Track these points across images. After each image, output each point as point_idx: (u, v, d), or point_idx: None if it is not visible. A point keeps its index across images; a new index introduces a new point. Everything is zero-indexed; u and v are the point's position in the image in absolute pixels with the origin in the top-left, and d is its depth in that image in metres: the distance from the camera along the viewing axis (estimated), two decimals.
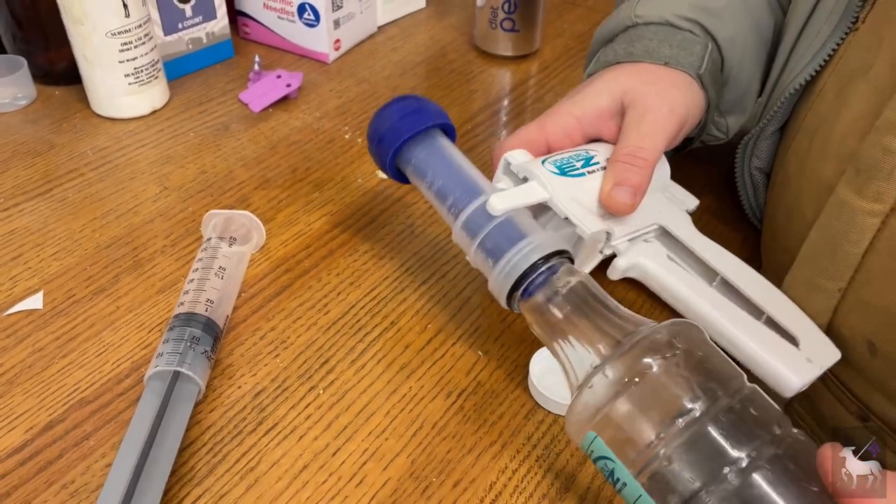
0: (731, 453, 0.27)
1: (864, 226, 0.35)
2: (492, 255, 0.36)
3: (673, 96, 0.42)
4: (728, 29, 0.46)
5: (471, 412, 0.39)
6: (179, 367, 0.37)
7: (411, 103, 0.43)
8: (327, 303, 0.45)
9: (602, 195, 0.40)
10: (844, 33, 0.41)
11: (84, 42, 0.56)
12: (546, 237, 0.36)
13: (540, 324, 0.35)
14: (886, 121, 0.34)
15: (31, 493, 0.35)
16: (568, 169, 0.40)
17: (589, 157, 0.41)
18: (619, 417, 0.29)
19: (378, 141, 0.42)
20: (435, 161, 0.41)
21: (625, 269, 0.40)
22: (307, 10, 0.68)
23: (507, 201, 0.37)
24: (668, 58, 0.44)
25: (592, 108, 0.42)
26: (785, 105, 0.45)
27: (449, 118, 0.43)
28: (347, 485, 0.36)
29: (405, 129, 0.41)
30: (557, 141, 0.43)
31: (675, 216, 0.42)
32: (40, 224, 0.50)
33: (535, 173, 0.39)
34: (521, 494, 0.36)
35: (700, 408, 0.28)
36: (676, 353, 0.30)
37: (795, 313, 0.38)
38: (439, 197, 0.40)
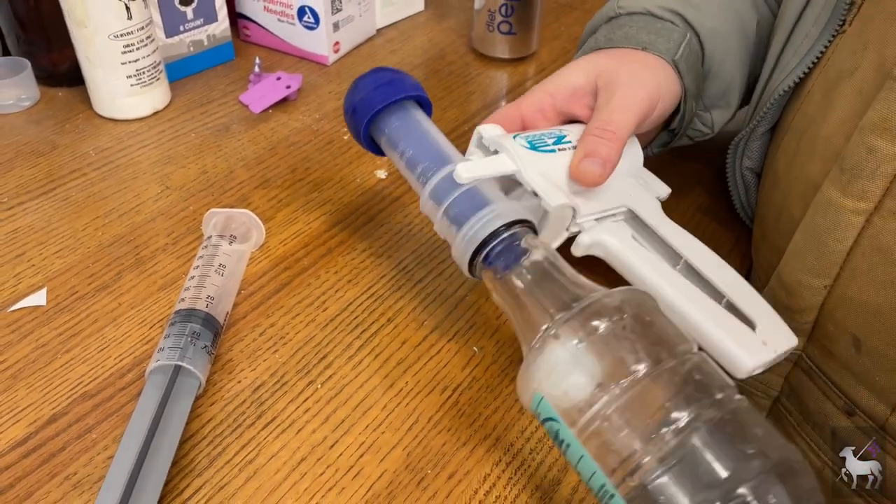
0: (670, 414, 0.27)
1: (849, 224, 0.36)
2: (455, 222, 0.37)
3: (644, 76, 0.43)
4: (709, 21, 0.47)
5: (466, 406, 0.40)
6: (180, 362, 0.38)
7: (386, 75, 0.43)
8: (325, 300, 0.46)
9: (572, 166, 0.40)
10: (832, 36, 0.42)
11: (87, 44, 0.57)
12: (510, 206, 0.36)
13: (499, 291, 0.35)
14: (870, 121, 0.35)
15: (35, 485, 0.35)
16: (539, 145, 0.41)
17: (561, 135, 0.42)
18: (562, 378, 0.30)
19: (353, 111, 0.43)
20: (407, 131, 0.41)
21: (588, 245, 0.41)
22: (307, 13, 0.69)
23: (473, 171, 0.38)
24: (645, 43, 0.45)
25: (566, 85, 0.43)
26: (775, 106, 0.46)
27: (424, 91, 0.43)
28: (344, 476, 0.36)
29: (378, 100, 0.41)
30: (532, 118, 0.44)
31: (644, 200, 0.43)
32: (44, 223, 0.50)
33: (506, 146, 0.40)
34: (515, 486, 0.36)
35: (642, 369, 0.29)
36: (624, 316, 0.30)
37: (755, 299, 0.38)
38: (409, 166, 0.40)
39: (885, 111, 0.34)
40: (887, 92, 0.34)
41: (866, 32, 0.39)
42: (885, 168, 0.34)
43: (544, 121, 0.44)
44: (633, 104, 0.41)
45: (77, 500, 0.35)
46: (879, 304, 0.36)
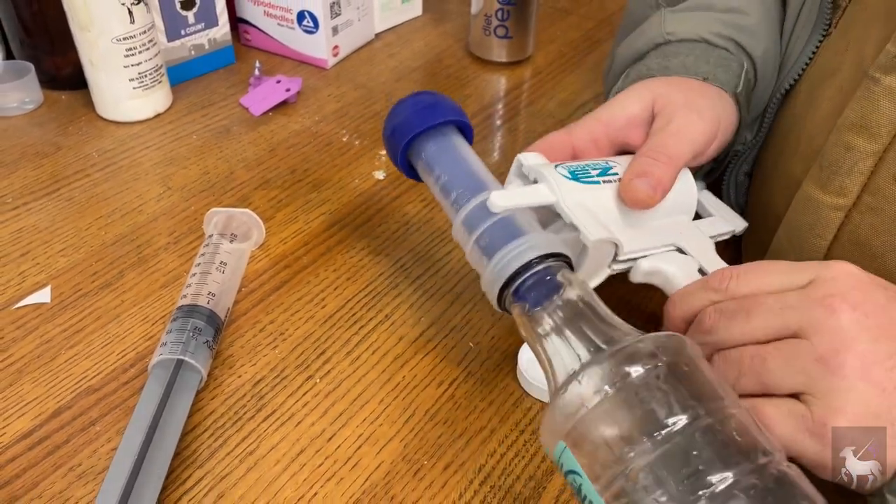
0: (705, 477, 0.25)
1: (829, 219, 0.37)
2: (487, 253, 0.35)
3: (703, 106, 0.41)
4: (761, 45, 0.45)
5: (462, 400, 0.41)
6: (182, 356, 0.39)
7: (427, 98, 0.42)
8: (324, 297, 0.47)
9: (621, 185, 0.38)
10: (820, 39, 0.43)
11: (90, 48, 0.58)
12: (545, 238, 0.35)
13: (527, 327, 0.33)
14: (847, 120, 0.36)
15: (40, 476, 0.36)
16: (581, 175, 0.39)
17: (608, 167, 0.40)
18: (589, 428, 0.27)
19: (391, 134, 0.42)
20: (444, 156, 0.40)
21: (647, 271, 0.38)
22: (306, 18, 0.70)
23: (508, 200, 0.36)
24: (706, 74, 0.43)
25: (621, 113, 0.41)
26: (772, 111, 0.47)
27: (465, 115, 0.42)
28: (343, 467, 0.37)
29: (418, 123, 0.40)
30: (583, 147, 0.41)
31: (695, 240, 0.40)
32: (48, 222, 0.51)
33: (545, 175, 0.38)
34: (509, 476, 0.37)
35: (677, 424, 0.26)
36: (658, 364, 0.28)
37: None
38: (444, 192, 0.39)
39: (862, 110, 0.35)
40: (864, 91, 0.35)
41: (849, 34, 0.40)
42: (862, 165, 0.35)
43: (596, 150, 0.42)
44: (691, 133, 0.39)
45: (81, 490, 0.36)
46: None
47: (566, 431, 0.28)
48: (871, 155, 0.35)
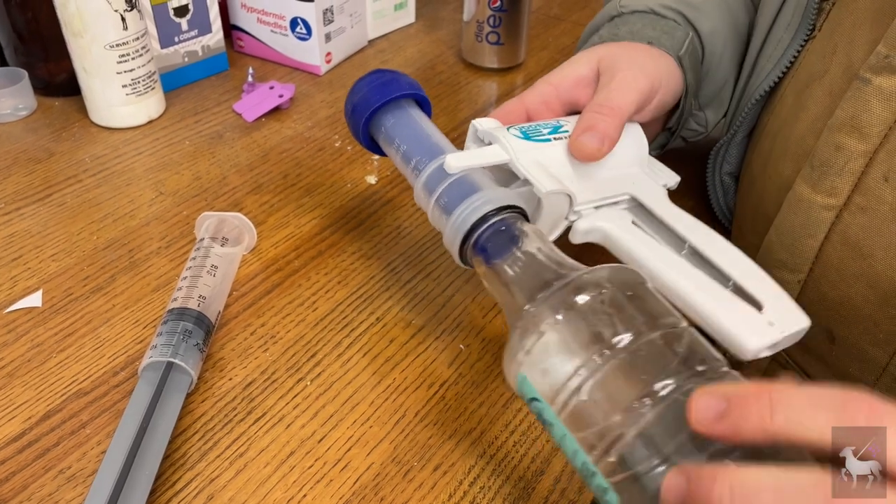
0: (649, 386, 0.27)
1: (820, 219, 0.37)
2: (446, 210, 0.37)
3: (645, 62, 0.43)
4: (709, 21, 0.48)
5: (452, 402, 0.41)
6: (172, 358, 0.39)
7: (385, 75, 0.44)
8: (315, 300, 0.47)
9: (570, 141, 0.40)
10: (803, 41, 0.44)
11: (83, 54, 0.58)
12: (499, 192, 0.36)
13: (489, 279, 0.35)
14: (838, 120, 0.36)
15: (30, 478, 0.36)
16: (533, 134, 0.41)
17: (558, 125, 0.42)
18: (541, 354, 0.29)
19: (352, 110, 0.44)
20: (403, 128, 0.42)
21: (585, 231, 0.40)
22: (299, 25, 0.70)
23: (463, 160, 0.38)
24: (650, 38, 0.46)
25: (570, 75, 0.43)
26: (751, 112, 0.47)
27: (422, 89, 0.44)
28: (332, 469, 0.37)
29: (376, 99, 0.42)
30: (536, 110, 0.43)
31: (648, 188, 0.41)
32: (40, 227, 0.51)
33: (498, 136, 0.40)
34: (499, 477, 0.37)
35: (622, 342, 0.28)
36: (603, 291, 0.30)
37: (764, 280, 0.37)
38: (405, 160, 0.41)
39: (852, 110, 0.36)
40: (854, 91, 0.36)
41: (835, 36, 0.40)
42: (853, 165, 0.36)
43: (549, 112, 0.44)
44: (634, 84, 0.41)
45: (71, 492, 0.36)
46: (850, 297, 0.37)
47: (522, 361, 0.30)
48: (862, 155, 0.36)
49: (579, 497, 0.37)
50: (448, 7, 0.89)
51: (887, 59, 0.34)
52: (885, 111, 0.35)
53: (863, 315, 0.37)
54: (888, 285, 0.35)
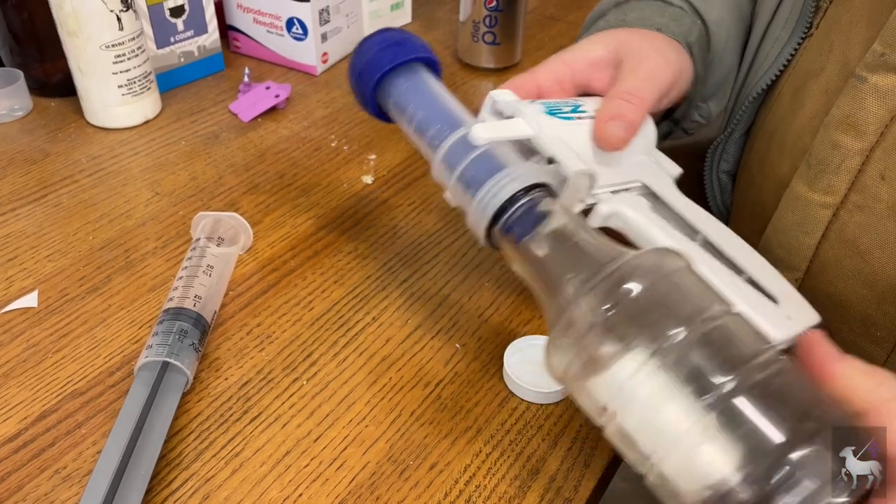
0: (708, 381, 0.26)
1: (817, 217, 0.37)
2: (471, 187, 0.34)
3: (668, 53, 0.43)
4: (715, 10, 0.47)
5: (448, 401, 0.41)
6: (168, 358, 0.39)
7: (393, 35, 0.40)
8: (312, 300, 0.47)
9: (596, 127, 0.39)
10: (800, 39, 0.44)
11: (79, 54, 0.58)
12: (529, 168, 0.34)
13: (519, 260, 0.33)
14: (834, 118, 0.36)
15: (26, 478, 0.36)
16: (556, 112, 0.39)
17: (577, 105, 0.40)
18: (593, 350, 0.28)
19: (359, 74, 0.40)
20: (417, 94, 0.38)
21: (606, 215, 0.38)
22: (295, 25, 0.70)
23: (491, 131, 0.35)
24: (660, 25, 0.45)
25: (586, 56, 0.42)
26: (749, 110, 0.47)
27: (433, 53, 0.41)
28: (328, 468, 0.37)
29: (387, 61, 0.39)
30: (548, 88, 0.42)
31: (659, 178, 0.41)
32: (35, 227, 0.51)
33: (522, 110, 0.38)
34: (494, 476, 0.37)
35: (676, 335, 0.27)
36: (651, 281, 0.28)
37: (776, 276, 0.36)
38: (419, 130, 0.38)
39: (849, 108, 0.36)
40: (850, 89, 0.36)
41: (832, 35, 0.40)
42: (849, 163, 0.36)
43: (561, 92, 0.42)
44: (660, 75, 0.41)
45: (66, 492, 0.36)
46: (847, 295, 0.37)
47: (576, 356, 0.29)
48: (859, 153, 0.36)
49: (574, 495, 0.37)
50: (444, 7, 0.89)
51: (883, 56, 0.34)
52: (881, 109, 0.35)
53: (860, 313, 0.37)
54: (885, 283, 0.35)
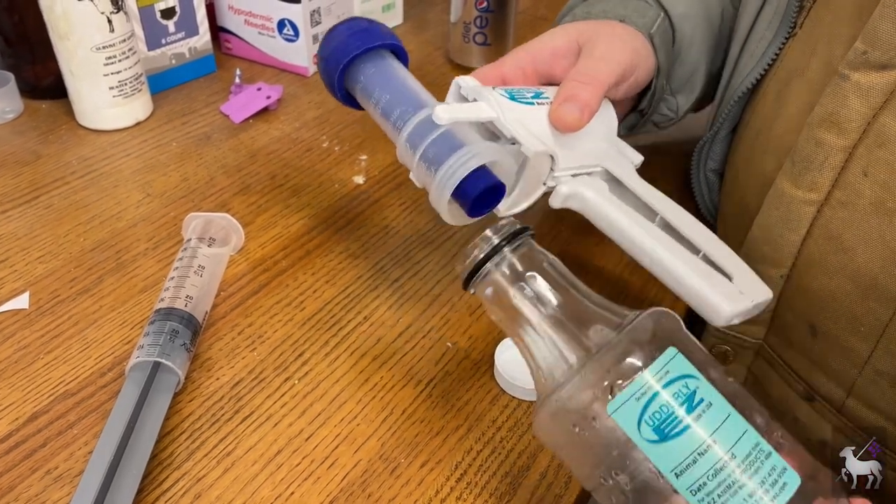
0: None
1: (801, 214, 0.38)
2: (433, 164, 0.36)
3: (624, 37, 0.44)
4: (681, 6, 0.48)
5: (439, 399, 0.41)
6: (159, 358, 0.39)
7: (360, 23, 0.42)
8: (303, 300, 0.47)
9: (551, 109, 0.40)
10: (784, 39, 0.44)
11: (70, 56, 0.58)
12: (489, 146, 0.36)
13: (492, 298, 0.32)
14: (817, 116, 0.37)
15: (17, 479, 0.36)
16: (517, 97, 0.40)
17: (539, 92, 0.42)
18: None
19: (326, 60, 0.41)
20: (383, 79, 0.40)
21: (566, 196, 0.40)
22: (287, 26, 0.70)
23: (453, 112, 0.37)
24: (622, 16, 0.46)
25: (548, 45, 0.44)
26: (734, 109, 0.48)
27: (399, 40, 0.42)
28: (320, 466, 0.37)
29: (353, 47, 0.40)
30: (512, 77, 0.44)
31: (620, 162, 0.42)
32: (26, 229, 0.51)
33: (485, 94, 0.39)
34: (485, 473, 0.37)
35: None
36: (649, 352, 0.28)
37: (730, 254, 0.39)
38: (385, 113, 0.39)
39: (832, 106, 0.36)
40: (833, 87, 0.36)
41: (815, 34, 0.41)
42: (833, 160, 0.36)
43: (524, 80, 0.44)
44: (616, 56, 0.42)
45: (58, 493, 0.36)
46: (832, 291, 0.37)
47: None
48: (841, 150, 0.36)
49: (565, 491, 0.37)
50: (435, 8, 0.89)
51: (865, 55, 0.35)
52: (864, 107, 0.35)
53: (845, 309, 0.37)
54: (868, 279, 0.36)
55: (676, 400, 0.27)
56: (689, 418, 0.26)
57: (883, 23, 0.34)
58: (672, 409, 0.27)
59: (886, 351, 0.36)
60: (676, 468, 0.26)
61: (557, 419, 0.29)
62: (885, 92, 0.34)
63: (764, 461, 0.26)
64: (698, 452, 0.26)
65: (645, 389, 0.27)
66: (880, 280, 0.35)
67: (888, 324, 0.36)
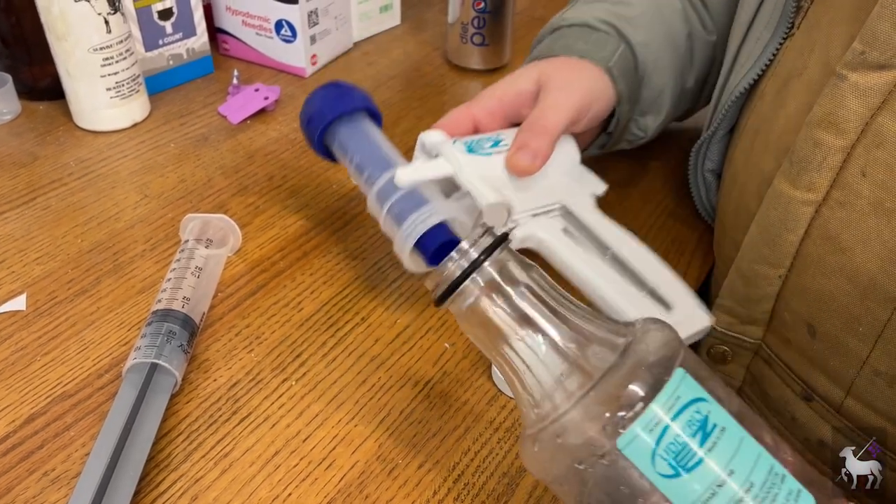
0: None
1: (799, 214, 0.38)
2: (397, 221, 0.40)
3: (577, 80, 0.47)
4: (641, 34, 0.50)
5: (436, 399, 0.41)
6: (156, 360, 0.39)
7: (338, 88, 0.47)
8: (301, 301, 0.47)
9: (507, 158, 0.43)
10: (782, 39, 0.44)
11: (67, 57, 0.58)
12: (445, 205, 0.40)
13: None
14: (815, 116, 0.37)
15: (14, 481, 0.36)
16: (477, 148, 0.44)
17: (498, 139, 0.45)
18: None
19: (307, 122, 0.46)
20: (356, 140, 0.45)
21: (522, 238, 0.42)
22: (284, 27, 0.70)
23: (412, 174, 0.41)
24: (582, 52, 0.49)
25: (513, 90, 0.47)
26: (732, 109, 0.48)
27: (373, 103, 0.47)
28: (317, 468, 0.37)
29: (330, 111, 0.45)
30: (482, 120, 0.46)
31: (578, 197, 0.45)
32: (24, 231, 0.51)
33: (444, 151, 0.43)
34: (483, 474, 0.37)
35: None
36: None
37: (675, 284, 0.41)
38: (358, 171, 0.44)
39: (830, 106, 0.36)
40: (831, 88, 0.36)
41: (813, 34, 0.41)
42: (831, 160, 0.36)
43: (493, 122, 0.46)
44: (565, 104, 0.44)
45: (55, 494, 0.36)
46: (830, 291, 0.37)
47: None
48: (839, 150, 0.36)
49: None
50: (433, 9, 0.89)
51: (863, 55, 0.35)
52: (862, 107, 0.35)
53: (843, 309, 0.37)
54: (867, 279, 0.36)
55: (690, 429, 0.25)
56: (705, 448, 0.25)
57: (881, 23, 0.34)
58: (686, 440, 0.25)
59: (885, 351, 0.36)
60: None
61: (556, 454, 0.27)
62: (883, 92, 0.34)
63: (781, 486, 0.25)
64: (717, 484, 0.25)
65: (657, 421, 0.25)
66: (878, 280, 0.35)
67: (886, 324, 0.35)
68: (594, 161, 0.52)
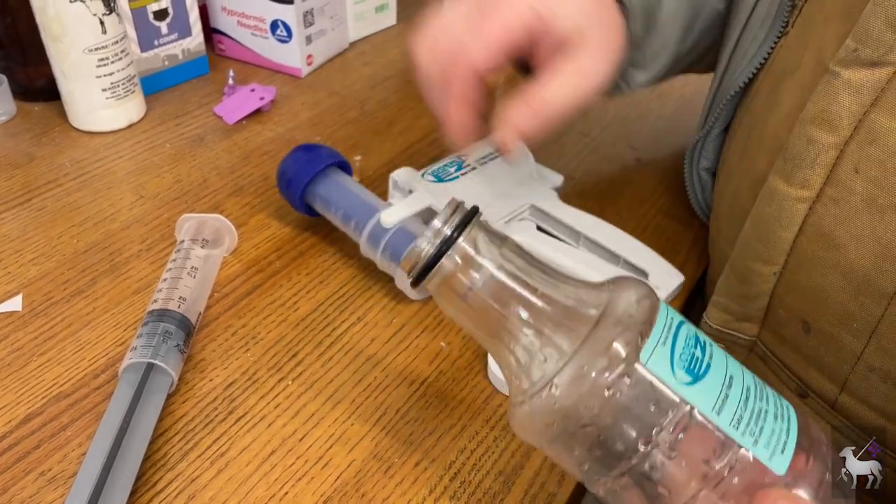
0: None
1: (794, 211, 0.38)
2: (393, 259, 0.45)
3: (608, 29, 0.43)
4: None
5: (433, 398, 0.41)
6: (153, 360, 0.39)
7: (307, 151, 0.50)
8: (297, 300, 0.47)
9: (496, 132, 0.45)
10: (777, 37, 0.44)
11: (62, 58, 0.58)
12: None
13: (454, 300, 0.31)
14: (809, 113, 0.37)
15: (10, 481, 0.36)
16: (444, 176, 0.49)
17: (460, 162, 0.51)
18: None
19: (286, 186, 0.50)
20: (336, 193, 0.49)
21: None
22: (280, 27, 0.70)
23: (396, 214, 0.46)
24: None
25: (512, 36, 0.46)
26: (727, 107, 0.48)
27: (341, 155, 0.51)
28: (314, 467, 0.37)
29: (305, 174, 0.49)
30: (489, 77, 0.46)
31: (542, 194, 0.51)
32: (19, 231, 0.51)
33: (416, 186, 0.48)
34: (479, 472, 0.37)
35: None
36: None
37: (644, 252, 0.47)
38: (345, 222, 0.48)
39: (823, 103, 0.36)
40: (825, 85, 0.36)
41: (807, 32, 0.41)
42: (824, 157, 0.36)
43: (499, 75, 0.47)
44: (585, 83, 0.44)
45: (51, 494, 0.36)
46: (825, 287, 0.37)
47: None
48: (833, 147, 0.36)
49: (559, 489, 0.37)
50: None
51: (856, 52, 0.35)
52: (854, 104, 0.35)
53: (837, 305, 0.37)
54: (861, 275, 0.36)
55: (692, 340, 0.27)
56: (707, 355, 0.27)
57: (874, 20, 0.34)
58: (693, 349, 0.27)
59: (878, 347, 0.36)
60: (715, 406, 0.26)
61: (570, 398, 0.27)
62: (876, 89, 0.34)
63: (765, 388, 0.27)
64: (727, 386, 0.26)
65: (666, 334, 0.27)
66: (872, 276, 0.35)
67: (880, 320, 0.36)
68: (591, 158, 0.53)
